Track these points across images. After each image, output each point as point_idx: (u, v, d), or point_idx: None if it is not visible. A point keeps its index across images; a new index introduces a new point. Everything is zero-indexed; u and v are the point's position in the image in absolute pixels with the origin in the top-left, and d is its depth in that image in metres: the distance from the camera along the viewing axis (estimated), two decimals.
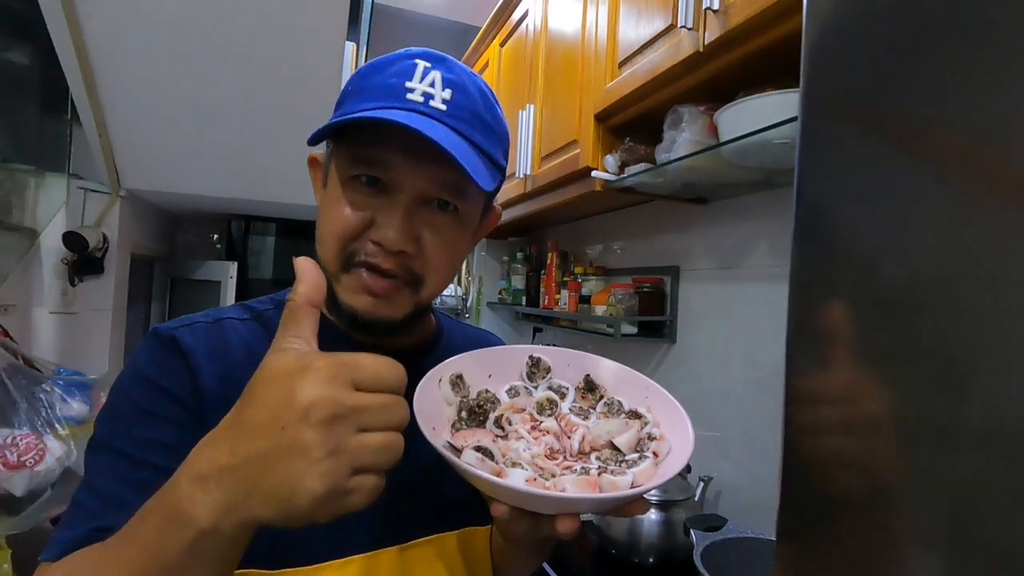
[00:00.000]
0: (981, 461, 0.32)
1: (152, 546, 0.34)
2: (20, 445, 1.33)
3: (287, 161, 1.86)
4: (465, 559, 0.56)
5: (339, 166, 0.51)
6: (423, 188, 0.50)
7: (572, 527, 0.39)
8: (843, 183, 0.42)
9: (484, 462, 0.42)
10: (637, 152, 1.30)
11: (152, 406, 0.48)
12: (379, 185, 0.50)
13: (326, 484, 0.31)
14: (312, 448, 0.31)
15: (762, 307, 1.24)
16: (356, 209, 0.49)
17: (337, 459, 0.31)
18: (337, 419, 0.32)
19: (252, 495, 0.31)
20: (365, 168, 0.49)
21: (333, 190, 0.51)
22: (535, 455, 0.45)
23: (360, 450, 0.32)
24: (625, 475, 0.41)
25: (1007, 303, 0.31)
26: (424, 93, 0.49)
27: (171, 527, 0.33)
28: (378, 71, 0.51)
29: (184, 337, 0.50)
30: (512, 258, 2.38)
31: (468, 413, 0.49)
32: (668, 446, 0.46)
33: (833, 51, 0.43)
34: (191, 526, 0.32)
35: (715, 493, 1.29)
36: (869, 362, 0.39)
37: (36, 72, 1.77)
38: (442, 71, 0.50)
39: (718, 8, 0.93)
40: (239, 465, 0.32)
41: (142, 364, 0.50)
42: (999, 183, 0.32)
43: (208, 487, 0.32)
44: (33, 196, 1.79)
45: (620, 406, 0.52)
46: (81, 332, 1.86)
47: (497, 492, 0.40)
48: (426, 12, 3.14)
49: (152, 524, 0.35)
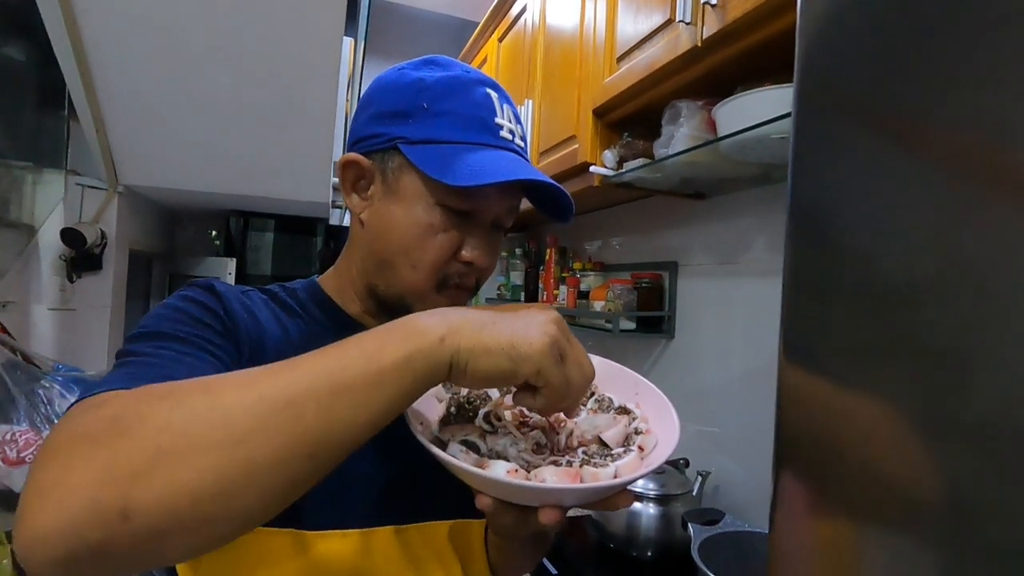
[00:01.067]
0: (977, 456, 0.32)
1: (367, 353, 0.35)
2: (19, 441, 1.34)
3: (285, 157, 1.86)
4: (456, 549, 0.57)
5: (427, 191, 0.52)
6: (500, 216, 0.56)
7: (554, 518, 0.39)
8: (837, 179, 0.42)
9: (468, 454, 0.43)
10: (635, 147, 1.30)
11: (198, 314, 0.49)
12: (464, 211, 0.53)
13: (546, 339, 0.38)
14: (543, 331, 0.38)
15: (760, 302, 1.24)
16: (449, 233, 0.53)
17: (555, 345, 0.39)
18: (561, 337, 0.39)
19: (480, 349, 0.37)
20: (468, 203, 0.53)
21: (414, 208, 0.53)
22: (521, 450, 0.45)
23: (572, 357, 0.40)
24: (607, 467, 0.42)
25: (1003, 299, 0.31)
26: (510, 130, 0.54)
27: (395, 336, 0.37)
28: (454, 93, 0.53)
29: (220, 287, 0.53)
30: (511, 254, 2.38)
31: (457, 409, 0.49)
32: (655, 440, 0.46)
33: (827, 47, 0.44)
34: (425, 337, 0.36)
35: (713, 487, 1.30)
36: (863, 358, 0.39)
37: (33, 68, 1.77)
38: (508, 103, 0.56)
39: (716, 3, 0.93)
40: (486, 321, 0.38)
41: (187, 292, 0.52)
42: (994, 179, 0.33)
43: (444, 318, 0.38)
44: (31, 193, 1.78)
45: (610, 402, 0.52)
46: (79, 328, 1.86)
47: (479, 483, 0.40)
48: (424, 7, 3.13)
49: (370, 340, 0.37)
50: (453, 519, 0.57)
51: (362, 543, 0.51)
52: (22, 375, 1.44)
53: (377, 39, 2.90)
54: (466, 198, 0.52)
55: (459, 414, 0.49)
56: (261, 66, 1.60)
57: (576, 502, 0.42)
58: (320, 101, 1.72)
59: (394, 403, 0.36)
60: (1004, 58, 0.32)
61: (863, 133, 0.40)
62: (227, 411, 0.32)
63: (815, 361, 0.43)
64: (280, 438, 0.32)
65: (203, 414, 0.32)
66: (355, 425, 0.34)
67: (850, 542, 0.39)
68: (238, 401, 0.33)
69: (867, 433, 0.38)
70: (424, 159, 0.50)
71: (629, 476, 0.41)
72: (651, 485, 1.16)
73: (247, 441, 0.32)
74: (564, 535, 1.26)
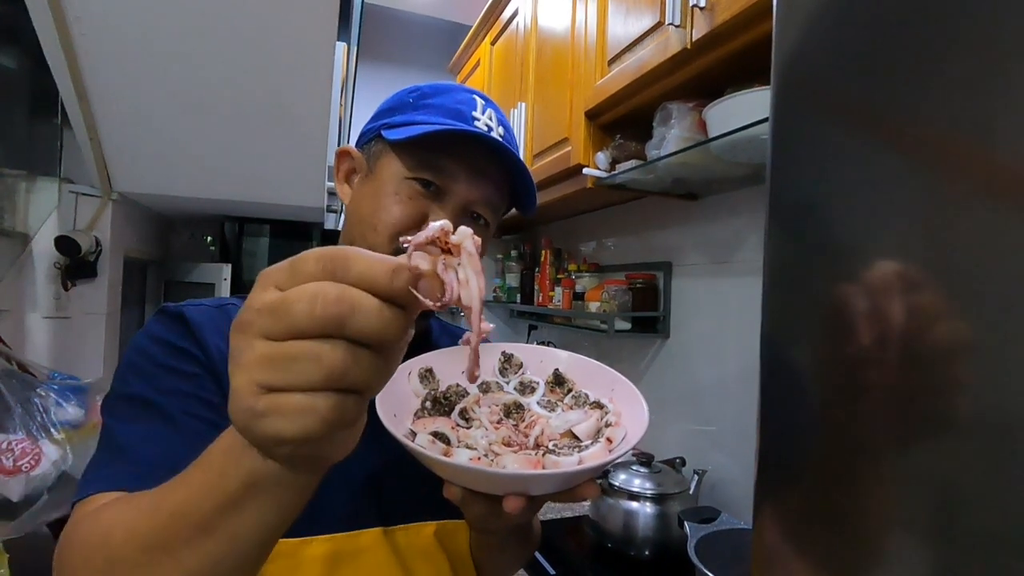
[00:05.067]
0: (963, 450, 0.33)
1: (209, 491, 0.32)
2: (16, 450, 1.33)
3: (279, 162, 1.86)
4: (444, 550, 0.57)
5: (398, 165, 0.55)
6: (472, 199, 0.56)
7: (518, 506, 0.39)
8: (816, 178, 0.42)
9: (435, 444, 0.43)
10: (628, 149, 1.31)
11: (170, 361, 0.50)
12: (433, 189, 0.55)
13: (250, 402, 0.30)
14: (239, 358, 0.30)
15: (754, 301, 1.24)
16: (414, 205, 0.54)
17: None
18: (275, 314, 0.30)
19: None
20: (430, 173, 0.55)
21: (386, 184, 0.55)
22: (492, 442, 0.46)
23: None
24: (571, 456, 0.42)
25: (984, 294, 0.32)
26: (486, 124, 0.56)
27: (227, 475, 0.32)
28: (439, 93, 0.57)
29: (191, 313, 0.53)
30: (506, 256, 2.39)
31: (432, 403, 0.50)
32: (623, 432, 0.47)
33: (804, 48, 0.44)
34: (252, 471, 0.31)
35: (709, 486, 1.31)
36: (844, 356, 0.40)
37: (25, 76, 1.76)
38: (493, 110, 0.58)
39: (704, 6, 0.94)
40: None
41: (156, 330, 0.53)
42: (974, 177, 0.33)
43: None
44: (24, 201, 1.78)
45: (586, 398, 0.53)
46: (75, 336, 1.85)
47: (443, 471, 0.41)
48: (416, 11, 3.14)
49: (208, 473, 0.33)
50: (439, 520, 0.57)
51: (348, 545, 0.52)
52: (17, 384, 1.43)
53: (370, 44, 2.91)
54: (432, 172, 0.54)
55: (435, 408, 0.50)
56: (254, 72, 1.61)
57: (540, 491, 0.42)
58: (313, 106, 1.72)
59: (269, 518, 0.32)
60: (980, 53, 0.33)
61: (841, 132, 0.41)
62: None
63: (794, 358, 0.43)
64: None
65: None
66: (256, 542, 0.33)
67: (836, 533, 0.40)
68: (127, 556, 0.34)
69: (849, 426, 0.39)
70: (393, 133, 0.54)
71: (591, 464, 0.41)
72: (648, 484, 1.17)
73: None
74: (562, 535, 1.26)
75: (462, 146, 0.54)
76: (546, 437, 0.48)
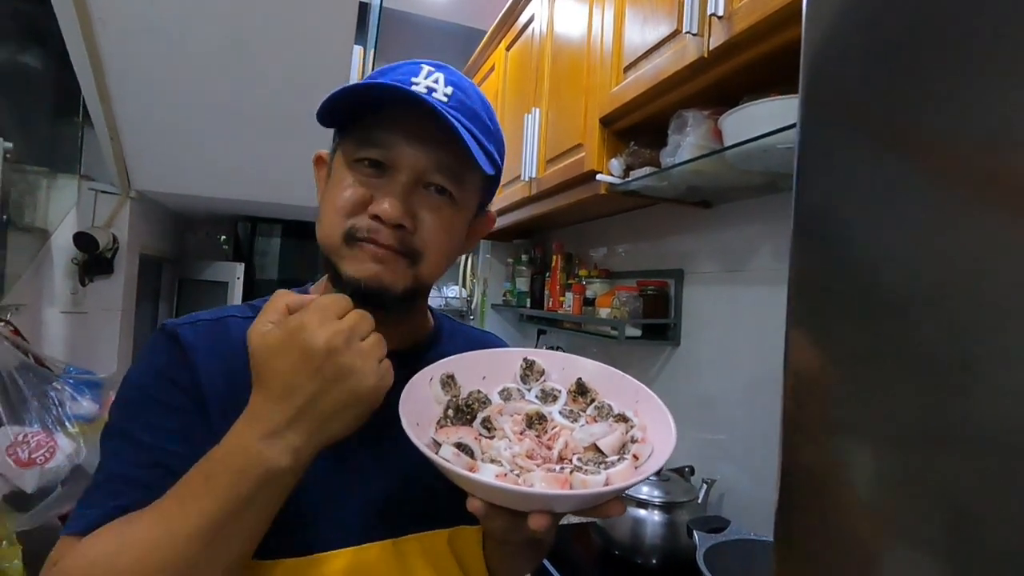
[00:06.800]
0: (981, 464, 0.33)
1: (223, 494, 0.41)
2: (31, 442, 1.35)
3: (294, 164, 1.88)
4: (456, 557, 0.57)
5: (344, 152, 0.54)
6: (421, 168, 0.52)
7: (544, 524, 0.39)
8: (842, 188, 0.42)
9: (460, 457, 0.43)
10: (642, 156, 1.31)
11: (160, 395, 0.51)
12: (381, 167, 0.52)
13: (374, 375, 0.43)
14: (350, 363, 0.42)
15: (766, 310, 1.24)
16: (358, 188, 0.52)
17: (367, 359, 0.43)
18: (347, 339, 0.43)
19: (327, 421, 0.43)
20: (368, 150, 0.52)
21: (337, 173, 0.54)
22: (515, 454, 0.45)
23: (372, 347, 0.44)
24: (599, 474, 0.42)
25: (1007, 306, 0.32)
26: (427, 87, 0.52)
27: (246, 474, 0.41)
28: (385, 73, 0.55)
29: (186, 334, 0.53)
30: (517, 260, 2.39)
31: (455, 411, 0.50)
32: (650, 448, 0.46)
33: (832, 57, 0.44)
34: (271, 469, 0.41)
35: (718, 495, 1.30)
36: (868, 365, 0.39)
37: (49, 75, 1.80)
38: (445, 73, 0.54)
39: (723, 14, 0.94)
40: (304, 408, 0.42)
41: (150, 357, 0.54)
42: (997, 186, 0.33)
43: (281, 435, 0.42)
44: (45, 197, 1.81)
45: (610, 409, 0.52)
46: (91, 331, 1.88)
47: (469, 486, 0.41)
48: (433, 16, 3.16)
49: (221, 480, 0.41)
50: (452, 526, 0.57)
51: (355, 561, 0.51)
52: (34, 377, 1.46)
53: (387, 47, 2.93)
54: (372, 149, 0.52)
55: (457, 416, 0.49)
56: (272, 75, 1.63)
57: (565, 509, 0.42)
58: None
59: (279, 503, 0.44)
60: (1005, 65, 0.32)
61: (867, 142, 0.41)
62: None
63: (821, 367, 0.43)
64: None
65: None
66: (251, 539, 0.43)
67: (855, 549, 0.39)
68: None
69: (872, 440, 0.39)
70: (334, 109, 0.52)
71: (619, 484, 0.41)
72: (656, 492, 1.16)
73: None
74: (570, 542, 1.26)
75: (396, 113, 0.50)
76: (570, 450, 0.47)
